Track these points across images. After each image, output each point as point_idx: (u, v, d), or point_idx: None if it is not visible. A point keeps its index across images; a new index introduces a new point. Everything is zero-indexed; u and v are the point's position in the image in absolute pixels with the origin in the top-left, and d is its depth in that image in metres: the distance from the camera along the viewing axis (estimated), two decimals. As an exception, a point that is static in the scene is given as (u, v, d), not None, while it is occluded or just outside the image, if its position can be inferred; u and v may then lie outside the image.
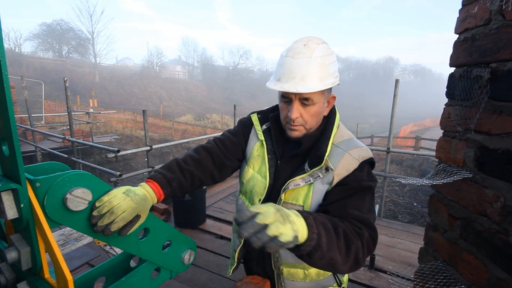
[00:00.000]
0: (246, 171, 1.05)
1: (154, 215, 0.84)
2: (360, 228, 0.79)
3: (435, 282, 0.80)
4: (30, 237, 0.61)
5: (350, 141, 0.93)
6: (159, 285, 0.90)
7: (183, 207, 3.08)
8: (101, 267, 0.86)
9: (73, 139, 4.49)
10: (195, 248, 0.99)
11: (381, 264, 2.62)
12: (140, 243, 0.81)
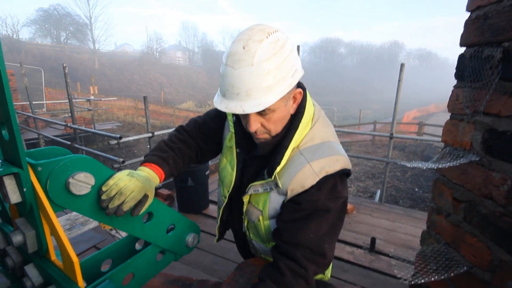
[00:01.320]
0: (221, 159, 1.05)
1: (158, 200, 0.85)
2: (304, 267, 0.76)
3: (436, 264, 0.80)
4: (35, 221, 0.62)
5: (319, 147, 0.81)
6: (164, 267, 0.92)
7: (186, 193, 3.11)
8: (107, 250, 0.87)
9: (75, 126, 4.50)
10: (198, 231, 1.00)
11: (382, 247, 2.66)
12: (145, 227, 0.82)
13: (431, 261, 0.83)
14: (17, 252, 0.72)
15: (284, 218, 0.83)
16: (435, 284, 0.89)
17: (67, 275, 0.63)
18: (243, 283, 0.91)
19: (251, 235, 1.00)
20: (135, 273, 0.84)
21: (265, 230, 0.92)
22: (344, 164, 0.80)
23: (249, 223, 0.97)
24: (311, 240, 0.77)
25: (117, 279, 0.79)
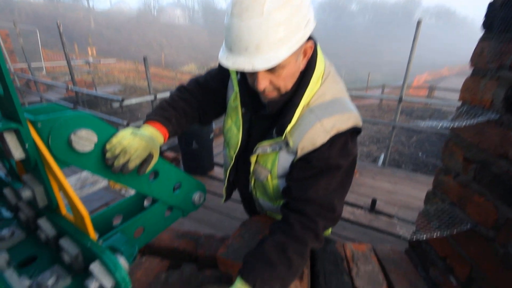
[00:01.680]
0: (225, 120, 1.01)
1: (164, 159, 0.84)
2: (314, 220, 0.76)
3: (439, 222, 0.81)
4: (41, 177, 0.62)
5: (330, 104, 0.77)
6: (173, 222, 0.95)
7: (192, 156, 3.15)
8: (118, 206, 0.90)
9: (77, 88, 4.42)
10: (204, 190, 1.02)
11: (382, 208, 2.75)
12: (152, 185, 0.83)
13: (434, 219, 0.85)
14: (29, 207, 0.74)
15: (294, 176, 0.82)
16: (435, 240, 0.92)
17: (79, 228, 0.65)
18: (249, 238, 0.94)
19: (258, 193, 1.01)
20: (145, 227, 0.87)
21: (273, 189, 0.92)
22: (355, 122, 0.77)
23: (256, 183, 0.98)
24: (321, 196, 0.77)
25: (129, 232, 0.82)
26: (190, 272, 1.01)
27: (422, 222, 0.89)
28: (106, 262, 0.58)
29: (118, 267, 0.58)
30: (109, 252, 0.60)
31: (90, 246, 0.60)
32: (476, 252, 0.73)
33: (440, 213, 0.82)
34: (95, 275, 0.57)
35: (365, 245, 1.05)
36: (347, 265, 0.95)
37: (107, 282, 0.57)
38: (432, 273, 0.91)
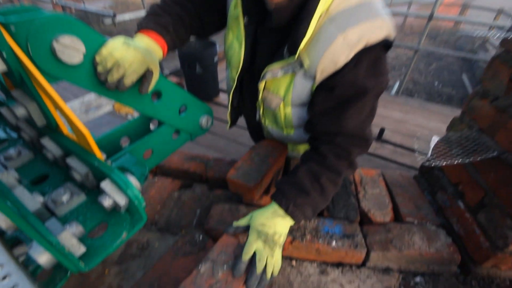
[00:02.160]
0: (226, 35, 0.85)
1: (166, 78, 0.76)
2: (347, 150, 0.70)
3: (462, 149, 0.77)
4: (31, 92, 0.55)
5: (357, 9, 0.61)
6: (181, 145, 0.93)
7: (196, 81, 3.01)
8: (123, 128, 0.86)
9: (63, 2, 3.94)
10: (211, 113, 0.96)
11: (389, 137, 2.74)
12: (156, 106, 0.78)
13: (456, 146, 0.80)
14: (30, 127, 0.70)
15: (317, 109, 0.72)
16: (450, 167, 0.90)
17: (83, 147, 0.62)
18: (258, 161, 0.94)
19: (267, 122, 0.94)
20: (154, 150, 0.85)
21: (285, 118, 0.84)
22: (388, 32, 0.62)
23: (266, 110, 0.89)
24: (352, 128, 0.69)
25: (137, 153, 0.81)
26: (201, 191, 1.06)
27: (441, 149, 0.84)
28: (116, 180, 0.56)
29: (129, 185, 0.57)
30: (118, 171, 0.58)
31: (98, 165, 0.59)
32: (496, 179, 0.71)
33: (465, 140, 0.77)
34: (107, 193, 0.57)
35: (374, 170, 1.05)
36: (355, 189, 0.96)
37: (120, 199, 0.57)
38: (439, 198, 0.92)
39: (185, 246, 0.74)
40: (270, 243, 0.66)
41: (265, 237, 0.66)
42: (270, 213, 0.70)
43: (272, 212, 0.70)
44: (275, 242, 0.66)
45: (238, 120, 1.16)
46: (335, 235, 0.80)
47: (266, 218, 0.69)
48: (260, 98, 0.84)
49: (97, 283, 0.76)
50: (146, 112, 0.77)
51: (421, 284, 0.78)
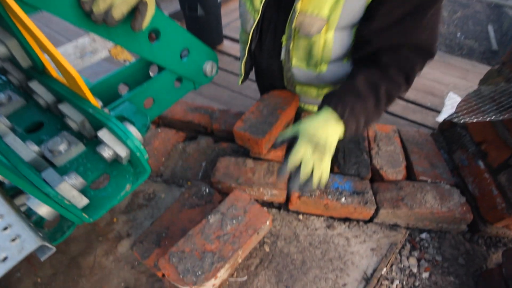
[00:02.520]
0: None
1: (165, 15, 0.65)
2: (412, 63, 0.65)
3: (495, 105, 0.69)
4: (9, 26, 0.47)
5: None
6: (183, 94, 0.86)
7: (197, 25, 2.76)
8: (120, 73, 0.78)
9: None
10: (216, 59, 0.87)
11: (402, 92, 2.60)
12: (154, 47, 0.68)
13: (488, 102, 0.72)
14: (16, 69, 0.63)
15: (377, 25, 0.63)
16: (475, 125, 0.84)
17: (76, 92, 0.56)
18: (267, 113, 0.87)
19: (295, 60, 0.82)
20: (155, 98, 0.79)
21: (325, 47, 0.72)
22: None
23: (298, 42, 0.76)
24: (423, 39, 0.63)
25: (137, 101, 0.75)
26: (206, 144, 1.02)
27: (468, 104, 0.77)
28: (114, 129, 0.51)
29: (129, 135, 0.52)
30: (115, 119, 0.53)
31: (93, 112, 0.53)
32: (529, 138, 0.65)
33: (500, 95, 0.69)
34: (106, 143, 0.52)
35: (389, 126, 0.99)
36: (368, 145, 0.92)
37: (120, 150, 0.53)
38: (457, 156, 0.88)
39: (192, 199, 0.73)
40: (321, 150, 0.62)
41: (316, 144, 0.62)
42: (322, 120, 0.64)
43: (324, 119, 0.64)
44: (326, 150, 0.62)
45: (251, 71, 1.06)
46: (345, 191, 0.78)
47: (318, 123, 0.64)
48: (294, 25, 0.72)
49: (106, 230, 0.78)
50: (143, 55, 0.68)
51: (427, 240, 0.78)
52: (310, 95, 0.96)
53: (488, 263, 0.75)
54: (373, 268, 0.71)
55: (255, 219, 0.61)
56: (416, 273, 0.73)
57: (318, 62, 0.79)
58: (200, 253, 0.56)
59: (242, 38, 0.93)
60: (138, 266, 0.72)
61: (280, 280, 0.69)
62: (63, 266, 0.72)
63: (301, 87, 0.93)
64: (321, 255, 0.73)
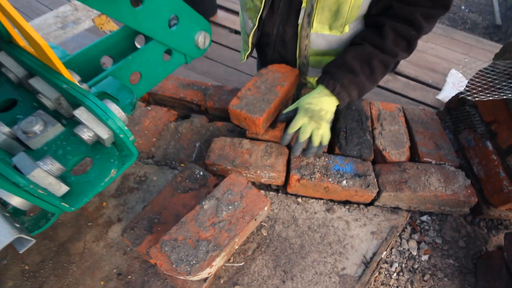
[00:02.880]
0: None
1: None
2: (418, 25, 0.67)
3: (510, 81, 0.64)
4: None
5: None
6: (174, 69, 0.79)
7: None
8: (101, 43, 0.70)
9: None
10: (209, 29, 0.78)
11: (403, 68, 2.52)
12: (137, 13, 0.60)
13: (504, 78, 0.67)
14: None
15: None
16: (486, 103, 0.79)
17: (46, 64, 0.49)
18: (265, 89, 0.81)
19: (316, 23, 0.77)
20: (142, 73, 0.71)
21: (355, 3, 0.70)
22: None
23: (322, 2, 0.71)
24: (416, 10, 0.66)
25: (122, 76, 0.67)
26: (200, 123, 0.96)
27: (482, 81, 0.71)
28: (91, 108, 0.45)
29: (110, 114, 0.46)
30: (94, 96, 0.47)
31: (67, 88, 0.47)
32: (546, 118, 0.61)
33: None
34: (85, 123, 0.46)
35: (394, 105, 0.94)
36: (371, 124, 0.87)
37: (101, 131, 0.47)
38: (463, 137, 0.84)
39: (185, 182, 0.69)
40: (316, 118, 0.71)
41: (311, 113, 0.72)
42: (317, 93, 0.73)
43: (319, 92, 0.73)
44: (322, 117, 0.72)
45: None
46: (346, 173, 0.75)
47: (313, 98, 0.73)
48: None
49: (95, 215, 0.74)
50: (125, 22, 0.60)
51: (428, 223, 0.77)
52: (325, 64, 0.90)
53: (488, 246, 0.74)
54: (373, 252, 0.69)
55: (253, 204, 0.58)
56: (416, 256, 0.72)
57: (344, 23, 0.76)
58: (194, 241, 0.53)
59: (249, 5, 0.84)
60: (130, 252, 0.69)
61: (278, 265, 0.68)
62: (51, 252, 0.69)
63: (315, 57, 0.88)
64: (320, 239, 0.71)
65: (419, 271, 0.70)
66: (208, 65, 2.44)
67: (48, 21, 1.72)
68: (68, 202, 0.46)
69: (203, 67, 2.41)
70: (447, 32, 3.06)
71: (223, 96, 1.02)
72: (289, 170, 0.76)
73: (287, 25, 0.84)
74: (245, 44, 1.00)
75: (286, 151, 0.79)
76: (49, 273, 0.66)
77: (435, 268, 0.70)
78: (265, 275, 0.66)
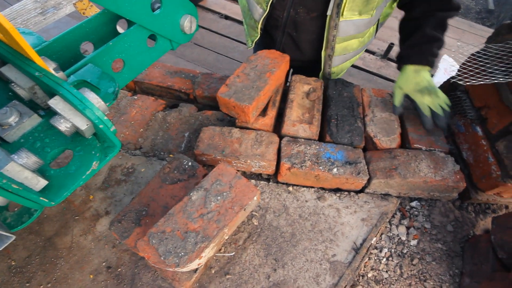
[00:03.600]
0: None
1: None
2: None
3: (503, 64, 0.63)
4: None
5: None
6: (160, 55, 0.75)
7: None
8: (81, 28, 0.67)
9: None
10: (195, 13, 0.75)
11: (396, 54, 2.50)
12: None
13: (495, 61, 0.66)
14: None
15: None
16: (477, 88, 0.78)
17: (17, 50, 0.46)
18: (254, 76, 0.78)
19: (346, 11, 0.77)
20: (125, 60, 0.68)
21: None
22: None
23: None
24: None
25: (103, 63, 0.64)
26: (188, 112, 0.93)
27: (473, 65, 0.70)
28: (67, 97, 0.43)
29: (87, 103, 0.44)
30: (69, 85, 0.44)
31: (39, 76, 0.44)
32: (536, 103, 0.60)
33: (509, 55, 0.63)
34: (61, 113, 0.44)
35: (385, 91, 0.92)
36: (362, 111, 0.86)
37: (79, 122, 0.45)
38: (454, 122, 0.84)
39: (173, 173, 0.67)
40: (431, 90, 0.78)
41: (427, 91, 0.78)
42: (413, 72, 0.81)
43: (414, 71, 0.81)
44: (433, 87, 0.79)
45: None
46: (337, 161, 0.74)
47: (414, 78, 0.80)
48: None
49: (82, 208, 0.72)
50: (104, 3, 0.56)
51: (417, 209, 0.77)
52: (351, 48, 0.92)
53: (476, 230, 0.75)
54: (363, 238, 0.70)
55: (242, 194, 0.57)
56: (405, 241, 0.73)
57: (375, 6, 0.79)
58: (182, 233, 0.52)
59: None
60: (119, 244, 0.68)
61: (269, 253, 0.68)
62: (38, 247, 0.67)
63: (341, 44, 0.88)
64: (311, 227, 0.71)
65: (408, 255, 0.71)
66: (198, 52, 2.37)
67: (27, 7, 1.63)
68: (48, 196, 0.44)
69: (193, 54, 2.34)
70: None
71: (212, 84, 0.99)
72: (279, 159, 0.75)
73: (314, 16, 0.85)
74: (252, 30, 0.99)
75: (276, 140, 0.78)
76: (36, 268, 0.65)
77: (423, 252, 0.72)
78: (256, 264, 0.66)
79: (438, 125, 0.78)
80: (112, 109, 0.92)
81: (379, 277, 0.68)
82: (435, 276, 0.69)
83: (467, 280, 0.68)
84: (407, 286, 0.67)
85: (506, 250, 0.63)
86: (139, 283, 0.63)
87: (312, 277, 0.65)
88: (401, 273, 0.69)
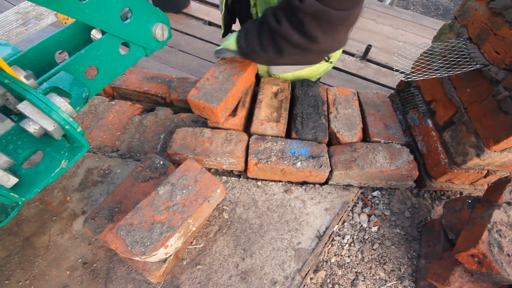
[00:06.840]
0: None
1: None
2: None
3: (444, 62, 0.70)
4: None
5: None
6: (133, 62, 0.80)
7: (159, -15, 2.51)
8: (55, 38, 0.71)
9: None
10: (167, 21, 0.80)
11: (374, 55, 2.59)
12: (84, 6, 0.61)
13: (438, 59, 0.72)
14: None
15: None
16: (426, 84, 0.85)
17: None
18: (223, 79, 0.84)
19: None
20: (99, 67, 0.72)
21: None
22: None
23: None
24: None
25: (76, 71, 0.68)
26: (164, 115, 0.98)
27: (422, 62, 0.77)
28: (33, 101, 0.47)
29: (52, 106, 0.48)
30: (35, 90, 0.48)
31: (8, 83, 0.48)
32: (471, 95, 0.67)
33: (449, 52, 0.69)
34: (29, 116, 0.48)
35: (349, 89, 0.99)
36: (327, 109, 0.92)
37: (47, 124, 0.49)
38: (410, 116, 0.91)
39: (145, 172, 0.71)
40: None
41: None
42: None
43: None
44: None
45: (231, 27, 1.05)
46: (301, 156, 0.79)
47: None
48: None
49: (59, 209, 0.75)
50: (73, 15, 0.60)
51: (378, 198, 0.83)
52: None
53: (432, 215, 0.81)
54: (326, 226, 0.75)
55: (206, 187, 0.61)
56: (366, 228, 0.78)
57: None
58: (149, 225, 0.56)
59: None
60: (95, 241, 0.71)
61: (238, 244, 0.72)
62: (17, 247, 0.70)
63: None
64: (278, 218, 0.76)
65: (369, 241, 0.76)
66: (183, 58, 2.42)
67: (9, 18, 1.66)
68: (19, 193, 0.48)
69: (177, 60, 2.39)
70: (416, 18, 3.15)
71: (187, 88, 1.04)
72: (248, 156, 0.79)
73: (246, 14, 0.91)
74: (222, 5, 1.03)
75: (245, 138, 0.83)
76: (15, 266, 0.68)
77: (383, 237, 0.77)
78: (226, 254, 0.70)
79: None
80: (90, 114, 0.96)
81: (342, 262, 0.73)
82: (394, 259, 0.74)
83: (423, 262, 0.73)
84: (368, 269, 0.73)
85: (454, 231, 0.69)
86: (114, 276, 0.67)
87: (278, 264, 0.70)
88: (362, 257, 0.74)
